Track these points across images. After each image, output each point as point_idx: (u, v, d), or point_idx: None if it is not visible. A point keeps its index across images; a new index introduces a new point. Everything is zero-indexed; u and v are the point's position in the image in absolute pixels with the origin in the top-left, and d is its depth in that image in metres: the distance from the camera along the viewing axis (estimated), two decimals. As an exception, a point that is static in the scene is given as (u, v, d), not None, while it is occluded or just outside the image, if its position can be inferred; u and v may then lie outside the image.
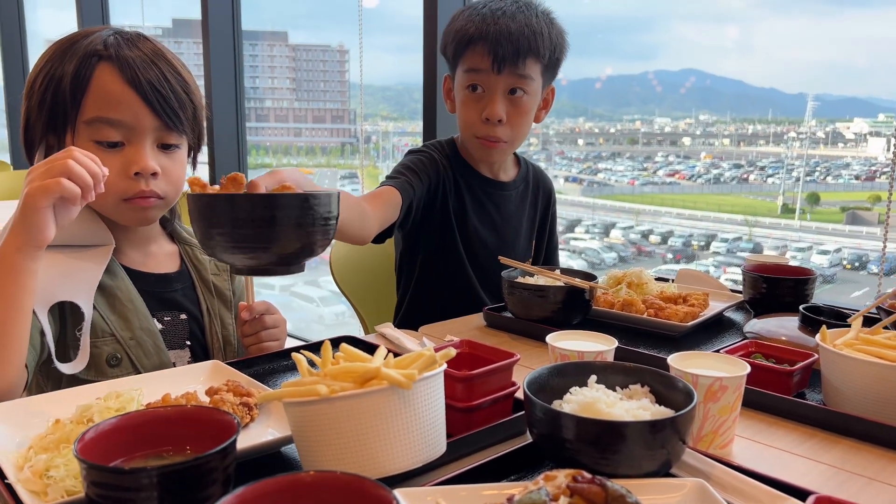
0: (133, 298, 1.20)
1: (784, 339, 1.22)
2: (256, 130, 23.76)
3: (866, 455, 0.91)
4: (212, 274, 1.35)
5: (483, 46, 1.55)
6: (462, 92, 1.61)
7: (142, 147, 1.15)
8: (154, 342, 1.20)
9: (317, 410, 0.73)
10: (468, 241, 1.72)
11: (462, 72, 1.60)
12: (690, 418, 0.76)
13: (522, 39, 1.54)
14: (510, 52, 1.54)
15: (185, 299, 1.30)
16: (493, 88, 1.58)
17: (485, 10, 1.58)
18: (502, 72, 1.55)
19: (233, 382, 0.96)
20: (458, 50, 1.60)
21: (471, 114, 1.61)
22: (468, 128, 1.63)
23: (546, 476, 0.67)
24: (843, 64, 36.46)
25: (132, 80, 1.13)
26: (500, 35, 1.53)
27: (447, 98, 1.72)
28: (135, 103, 1.13)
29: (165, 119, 1.15)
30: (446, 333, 1.41)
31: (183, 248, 1.35)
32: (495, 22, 1.55)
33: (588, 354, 1.01)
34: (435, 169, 1.66)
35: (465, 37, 1.57)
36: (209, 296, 1.33)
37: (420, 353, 0.77)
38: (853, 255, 10.79)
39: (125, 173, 1.15)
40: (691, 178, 15.20)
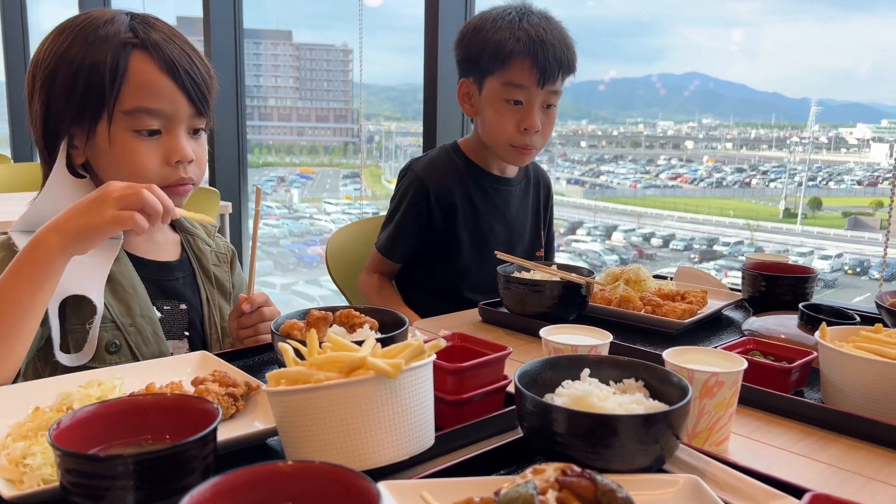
0: (135, 285, 1.19)
1: (783, 337, 1.20)
2: (259, 129, 23.79)
3: (865, 454, 0.88)
4: (212, 264, 1.34)
5: (528, 63, 1.59)
6: (499, 104, 1.65)
7: (178, 135, 1.17)
8: (154, 330, 1.18)
9: (301, 400, 0.71)
10: (482, 240, 1.75)
11: (500, 84, 1.63)
12: (685, 413, 0.74)
13: (563, 57, 1.63)
14: (555, 69, 1.61)
15: (186, 288, 1.29)
16: (533, 101, 1.63)
17: (524, 25, 1.62)
18: (545, 86, 1.62)
19: (219, 373, 0.94)
20: (495, 62, 1.62)
21: (508, 124, 1.65)
22: (503, 136, 1.67)
23: (535, 470, 0.65)
24: (848, 70, 36.45)
25: (170, 69, 1.13)
26: (547, 53, 1.59)
27: (465, 102, 1.74)
28: (174, 92, 1.14)
29: (199, 105, 1.17)
30: (440, 328, 1.38)
31: (184, 237, 1.33)
32: (540, 39, 1.60)
33: (582, 348, 0.99)
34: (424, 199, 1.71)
35: (507, 51, 1.60)
36: (209, 286, 1.32)
37: (408, 343, 0.75)
38: (854, 261, 10.76)
39: (166, 162, 1.16)
40: (693, 181, 15.17)
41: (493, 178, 1.79)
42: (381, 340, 0.90)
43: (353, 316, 1.03)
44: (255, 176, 19.57)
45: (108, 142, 1.13)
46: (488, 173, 1.79)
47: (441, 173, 1.74)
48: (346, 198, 17.88)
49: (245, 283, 1.42)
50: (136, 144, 1.13)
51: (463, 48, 1.69)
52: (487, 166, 1.79)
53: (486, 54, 1.63)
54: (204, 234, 1.36)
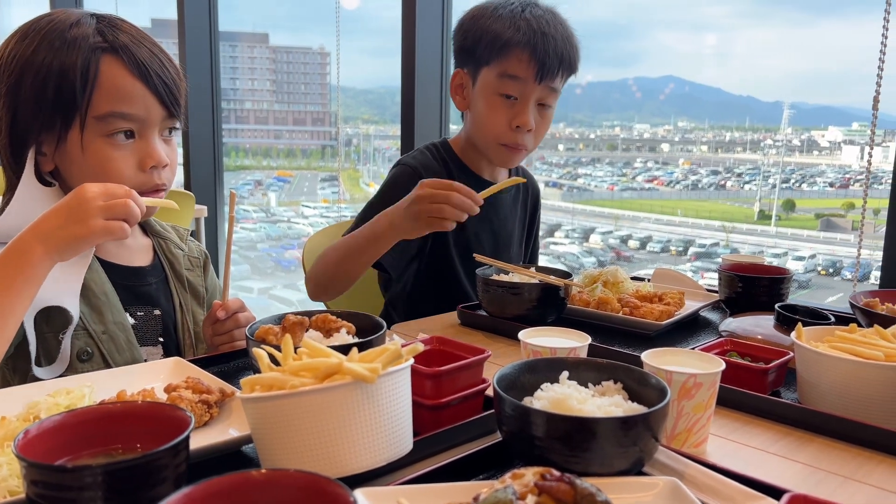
0: (107, 291, 1.16)
1: (760, 338, 1.21)
2: (236, 132, 23.60)
3: (842, 453, 0.89)
4: (185, 269, 1.31)
5: (526, 55, 1.50)
6: (492, 97, 1.55)
7: (152, 139, 1.15)
8: (126, 337, 1.16)
9: (275, 406, 0.70)
10: (467, 247, 1.66)
11: (495, 76, 1.54)
12: (663, 415, 0.74)
13: (564, 53, 1.53)
14: (555, 64, 1.52)
15: (159, 294, 1.27)
16: (528, 97, 1.54)
17: (526, 15, 1.53)
18: (542, 83, 1.53)
19: (192, 379, 0.92)
20: (492, 52, 1.53)
21: (500, 120, 1.55)
22: (493, 133, 1.58)
23: (514, 474, 0.65)
24: (818, 73, 37.14)
25: (141, 73, 1.11)
26: (548, 46, 1.50)
27: (457, 94, 1.64)
28: (146, 96, 1.12)
29: (171, 108, 1.16)
30: (419, 331, 1.37)
31: (156, 241, 1.31)
32: (542, 32, 1.51)
33: (561, 351, 0.99)
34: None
35: (505, 41, 1.51)
36: (182, 291, 1.29)
37: (385, 348, 0.74)
38: (827, 261, 10.94)
39: (141, 168, 1.14)
40: (670, 183, 15.32)
41: (482, 182, 1.67)
42: (358, 345, 0.88)
43: (329, 321, 1.02)
44: (231, 180, 19.41)
45: (81, 149, 1.10)
46: (478, 177, 1.69)
47: (434, 166, 1.64)
48: (324, 201, 17.81)
49: (219, 288, 1.40)
50: (110, 151, 1.11)
51: (460, 36, 1.60)
52: (478, 169, 1.70)
53: (482, 43, 1.54)
54: (176, 238, 1.34)
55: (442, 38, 2.95)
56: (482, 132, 1.60)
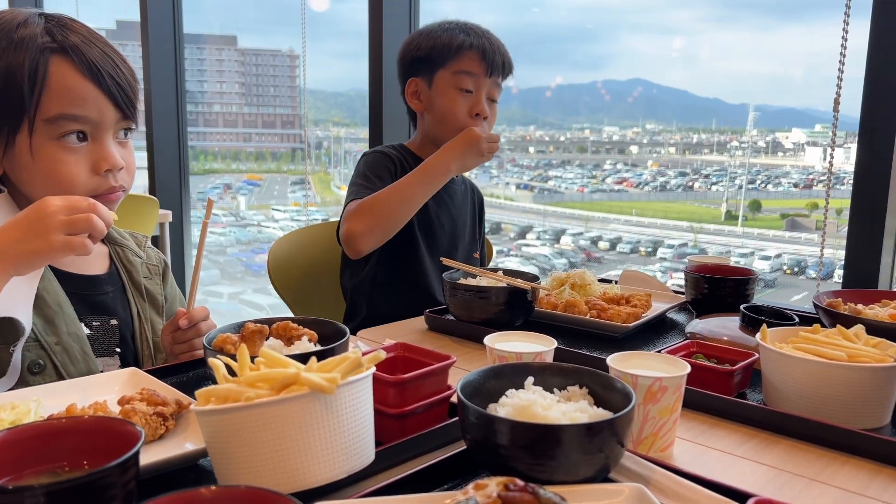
0: (61, 301, 1.12)
1: (725, 339, 1.21)
2: (204, 135, 23.30)
3: (806, 455, 0.89)
4: (143, 277, 1.27)
5: (478, 54, 1.74)
6: (451, 92, 1.76)
7: (106, 142, 1.11)
8: (81, 348, 1.12)
9: (230, 420, 0.67)
10: (430, 228, 1.79)
11: (451, 74, 1.75)
12: (629, 420, 0.73)
13: (505, 56, 1.80)
14: (500, 62, 1.77)
15: (116, 303, 1.23)
16: (480, 90, 1.77)
17: (471, 26, 1.79)
18: (492, 76, 1.76)
19: (147, 391, 0.89)
20: (447, 55, 1.75)
21: (460, 110, 1.76)
22: (456, 122, 1.75)
23: (477, 485, 0.63)
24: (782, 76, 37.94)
25: (93, 74, 1.08)
26: (493, 48, 1.76)
27: (413, 100, 1.82)
28: (98, 98, 1.09)
29: (126, 109, 1.12)
30: (385, 337, 1.35)
31: (113, 249, 1.27)
32: (487, 37, 1.77)
33: (526, 356, 0.98)
34: (393, 165, 1.77)
35: (458, 43, 1.74)
36: (140, 299, 1.26)
37: (345, 356, 0.72)
38: (793, 261, 11.13)
39: (94, 171, 1.10)
40: (639, 185, 15.48)
41: None
42: (318, 353, 0.86)
43: (290, 328, 0.99)
44: (200, 183, 19.14)
45: (31, 153, 1.07)
46: None
47: (396, 154, 1.81)
48: (294, 204, 17.65)
49: (179, 296, 1.36)
50: (61, 155, 1.07)
51: (413, 49, 1.80)
52: None
53: (437, 49, 1.75)
54: (134, 245, 1.30)
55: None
56: (446, 124, 1.77)
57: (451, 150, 1.65)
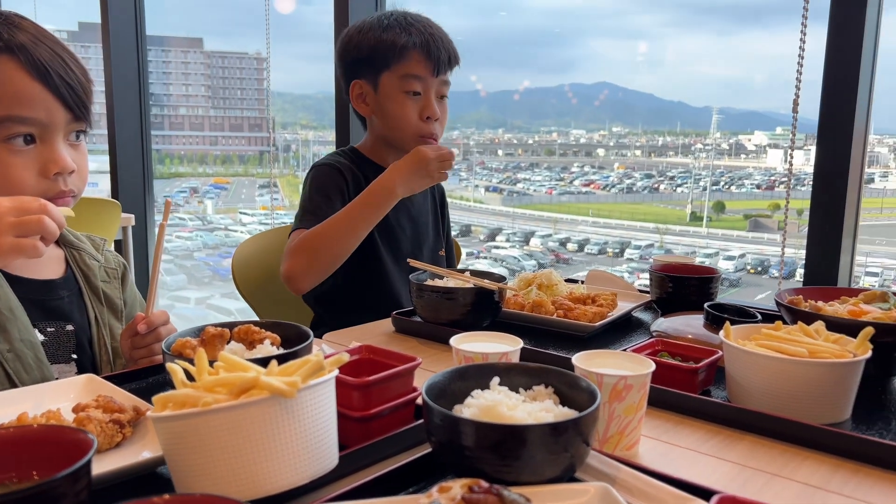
0: (13, 307, 1.08)
1: (690, 337, 1.22)
2: (170, 139, 22.96)
3: (770, 451, 0.90)
4: (101, 281, 1.24)
5: (422, 54, 1.67)
6: (399, 96, 1.69)
7: (56, 144, 1.07)
8: (35, 355, 1.08)
9: (186, 426, 0.66)
10: (391, 233, 1.74)
11: (398, 78, 1.67)
12: (594, 419, 0.73)
13: (450, 48, 1.71)
14: (446, 59, 1.69)
15: (72, 308, 1.19)
16: (430, 91, 1.70)
17: (411, 21, 1.69)
18: (439, 75, 1.69)
19: (104, 398, 0.86)
20: (388, 58, 1.67)
21: (411, 114, 1.69)
22: (408, 127, 1.70)
23: (441, 487, 0.62)
24: (744, 79, 38.65)
25: (41, 74, 1.04)
26: (438, 45, 1.68)
27: (360, 103, 1.75)
28: (47, 99, 1.05)
29: (77, 111, 1.09)
30: (351, 340, 1.34)
31: (69, 252, 1.23)
32: (430, 34, 1.68)
33: (492, 356, 0.97)
34: (343, 180, 1.70)
35: (402, 44, 1.66)
36: (98, 304, 1.22)
37: (306, 359, 0.71)
38: (756, 260, 11.35)
39: (43, 174, 1.06)
40: (606, 187, 15.65)
41: None
42: (281, 356, 0.85)
43: (252, 332, 0.97)
44: (165, 187, 18.85)
45: None
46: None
47: (346, 165, 1.74)
48: (262, 208, 17.49)
49: (140, 300, 1.33)
50: (7, 158, 1.03)
51: (352, 50, 1.72)
52: (387, 165, 1.72)
53: (379, 51, 1.67)
54: (91, 248, 1.26)
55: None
56: (398, 130, 1.71)
57: (398, 173, 1.55)
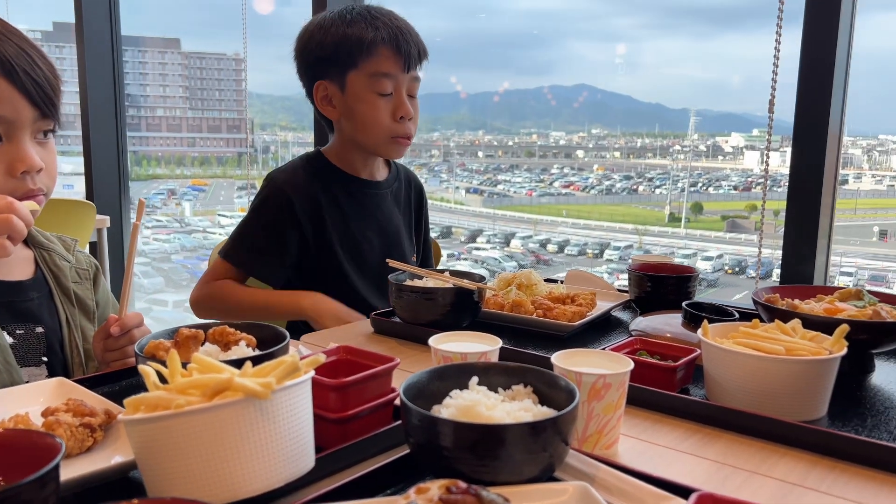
0: None
1: (668, 336, 1.22)
2: (147, 140, 22.70)
3: (747, 448, 0.90)
4: (72, 282, 1.22)
5: (390, 49, 1.58)
6: (369, 96, 1.60)
7: (22, 142, 1.05)
8: (4, 358, 1.06)
9: (158, 428, 0.64)
10: (356, 248, 1.68)
11: (366, 77, 1.59)
12: (573, 418, 0.73)
13: (419, 41, 1.63)
14: (415, 53, 1.61)
15: (42, 309, 1.16)
16: (401, 88, 1.62)
17: (376, 15, 1.60)
18: (409, 71, 1.61)
19: (74, 401, 0.84)
20: (357, 55, 1.57)
21: (384, 116, 1.61)
22: (382, 130, 1.62)
23: (418, 489, 0.61)
24: (721, 82, 39.13)
25: (6, 70, 1.02)
26: (407, 38, 1.59)
27: (326, 106, 1.65)
28: (13, 96, 1.03)
29: (44, 109, 1.06)
30: (329, 341, 1.32)
31: (38, 253, 1.21)
32: (397, 27, 1.59)
33: (471, 356, 0.97)
34: (289, 213, 1.61)
35: (369, 40, 1.56)
36: (69, 305, 1.20)
37: (281, 360, 0.69)
38: (733, 261, 11.47)
39: (10, 173, 1.04)
40: (585, 189, 15.74)
41: (361, 182, 1.72)
42: (256, 358, 0.83)
43: (227, 333, 0.96)
44: (143, 189, 18.63)
45: None
46: (355, 178, 1.71)
47: (304, 182, 1.64)
48: (241, 210, 17.35)
49: (113, 302, 1.31)
50: None
51: (314, 48, 1.61)
52: (355, 170, 1.71)
53: (344, 48, 1.57)
54: (62, 248, 1.24)
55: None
56: (370, 132, 1.63)
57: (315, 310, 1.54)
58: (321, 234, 1.63)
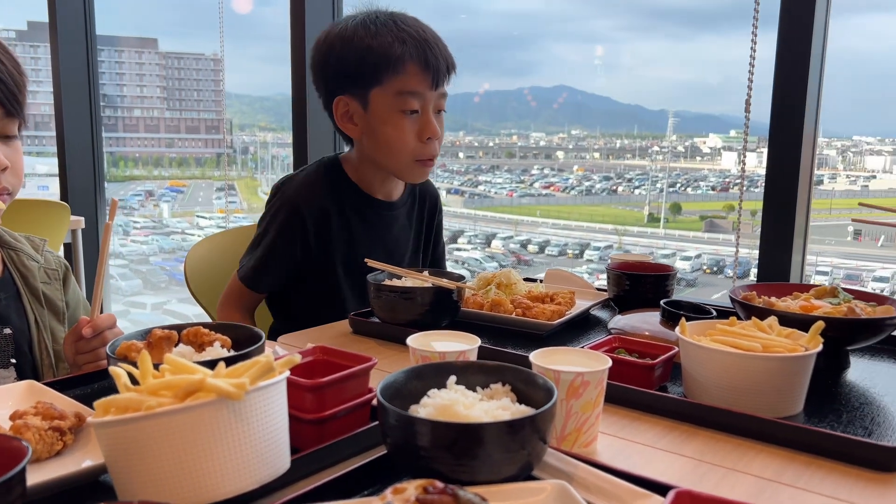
0: None
1: (647, 334, 1.22)
2: (124, 141, 22.41)
3: (725, 445, 0.90)
4: (41, 282, 1.19)
5: (419, 66, 1.47)
6: (395, 116, 1.49)
7: None
8: None
9: (128, 431, 0.63)
10: (357, 271, 1.57)
11: (392, 95, 1.48)
12: (551, 416, 0.72)
13: (447, 54, 1.52)
14: (443, 66, 1.51)
15: (10, 311, 1.14)
16: (428, 107, 1.51)
17: (401, 26, 1.49)
18: (437, 89, 1.51)
19: (43, 404, 0.83)
20: (384, 70, 1.47)
21: (409, 137, 1.51)
22: (406, 152, 1.52)
23: (395, 489, 0.60)
24: (698, 83, 39.61)
25: None
26: (435, 53, 1.49)
27: (347, 123, 1.55)
28: None
29: (10, 107, 1.05)
30: (307, 342, 1.31)
31: (6, 253, 1.18)
32: (424, 39, 1.48)
33: (450, 355, 0.96)
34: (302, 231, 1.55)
35: (397, 56, 1.46)
36: (38, 306, 1.17)
37: (255, 361, 0.68)
38: (712, 261, 11.57)
39: None
40: (565, 189, 15.80)
41: (376, 203, 1.64)
42: (230, 358, 0.82)
43: (201, 334, 0.94)
44: (120, 190, 18.39)
45: None
46: (372, 198, 1.63)
47: (317, 196, 1.56)
48: (220, 211, 17.20)
49: (84, 303, 1.29)
50: None
51: (334, 61, 1.51)
52: (371, 189, 1.63)
53: (368, 64, 1.47)
54: (30, 249, 1.21)
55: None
56: (394, 155, 1.53)
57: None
58: (325, 252, 1.58)
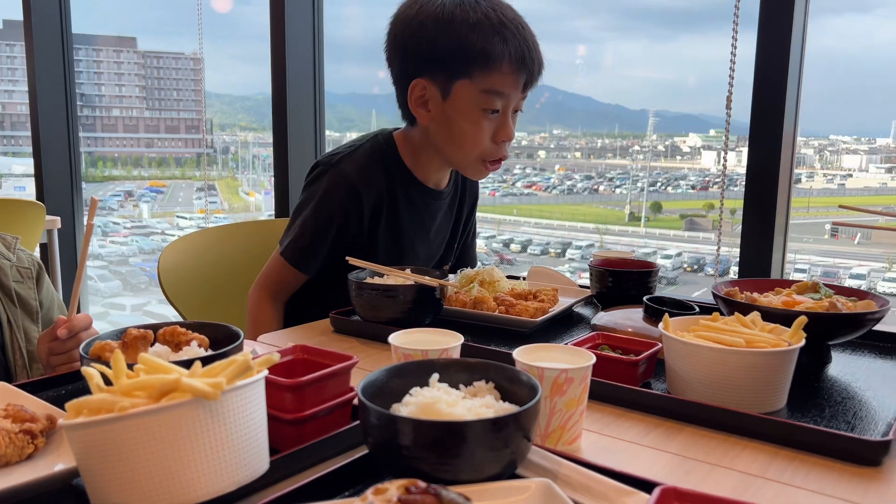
0: None
1: (630, 331, 1.22)
2: (103, 141, 22.15)
3: (709, 441, 0.90)
4: (14, 281, 1.16)
5: (514, 67, 1.40)
6: (474, 112, 1.43)
7: None
8: None
9: (102, 433, 0.61)
10: (399, 257, 1.58)
11: (479, 91, 1.41)
12: (535, 413, 0.71)
13: (541, 58, 1.45)
14: (536, 70, 1.44)
15: None
16: (509, 108, 1.46)
17: (501, 19, 1.39)
18: (525, 91, 1.46)
19: (14, 406, 0.80)
20: (470, 65, 1.39)
21: (484, 137, 1.45)
22: (477, 150, 1.47)
23: (376, 489, 0.59)
24: (678, 83, 39.92)
25: None
26: (533, 56, 1.42)
27: (420, 108, 1.48)
28: None
29: None
30: (287, 341, 1.29)
31: None
32: (523, 38, 1.40)
33: (432, 352, 0.95)
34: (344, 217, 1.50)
35: (496, 54, 1.38)
36: (11, 306, 1.14)
37: (232, 360, 0.67)
38: (692, 259, 11.67)
39: None
40: (547, 189, 15.84)
41: (425, 190, 1.60)
42: (207, 358, 0.80)
43: (178, 333, 0.92)
44: (98, 191, 18.17)
45: None
46: (422, 185, 1.59)
47: (376, 178, 1.51)
48: (200, 211, 17.04)
49: (59, 303, 1.26)
50: None
51: (423, 42, 1.41)
52: (423, 176, 1.59)
53: (461, 54, 1.39)
54: (2, 247, 1.18)
55: (313, 44, 2.87)
56: (464, 150, 1.48)
57: None
58: (372, 235, 1.54)
